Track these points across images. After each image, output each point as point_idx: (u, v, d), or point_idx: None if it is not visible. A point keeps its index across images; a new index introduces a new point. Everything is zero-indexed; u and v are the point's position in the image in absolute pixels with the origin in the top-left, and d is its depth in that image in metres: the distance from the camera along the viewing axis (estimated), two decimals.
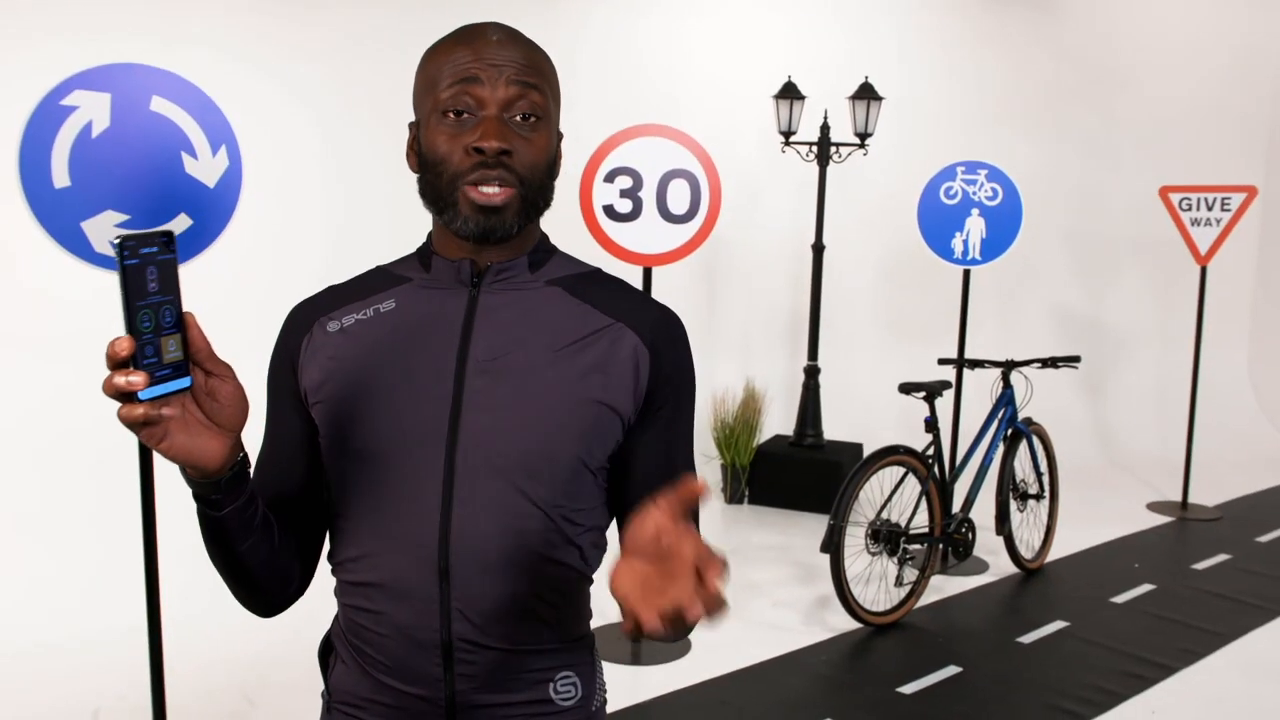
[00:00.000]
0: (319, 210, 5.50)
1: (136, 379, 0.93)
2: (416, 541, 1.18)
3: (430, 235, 1.29)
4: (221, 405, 1.03)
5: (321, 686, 1.36)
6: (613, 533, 1.34)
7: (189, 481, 1.09)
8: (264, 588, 1.24)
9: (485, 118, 1.17)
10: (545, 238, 1.31)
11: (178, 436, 1.01)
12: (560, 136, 1.27)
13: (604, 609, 1.42)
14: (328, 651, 1.35)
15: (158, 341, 0.96)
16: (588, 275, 1.30)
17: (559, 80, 1.27)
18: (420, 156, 1.22)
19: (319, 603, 1.56)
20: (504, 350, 1.21)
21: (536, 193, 1.21)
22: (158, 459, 2.78)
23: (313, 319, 1.28)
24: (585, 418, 1.20)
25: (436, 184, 1.20)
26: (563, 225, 1.30)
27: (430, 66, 1.21)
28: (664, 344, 1.26)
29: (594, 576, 1.31)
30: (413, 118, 1.27)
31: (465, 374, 1.20)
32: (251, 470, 1.15)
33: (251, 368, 1.40)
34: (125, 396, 0.94)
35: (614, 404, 1.22)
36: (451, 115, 1.18)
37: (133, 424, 0.95)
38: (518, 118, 1.18)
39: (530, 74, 1.19)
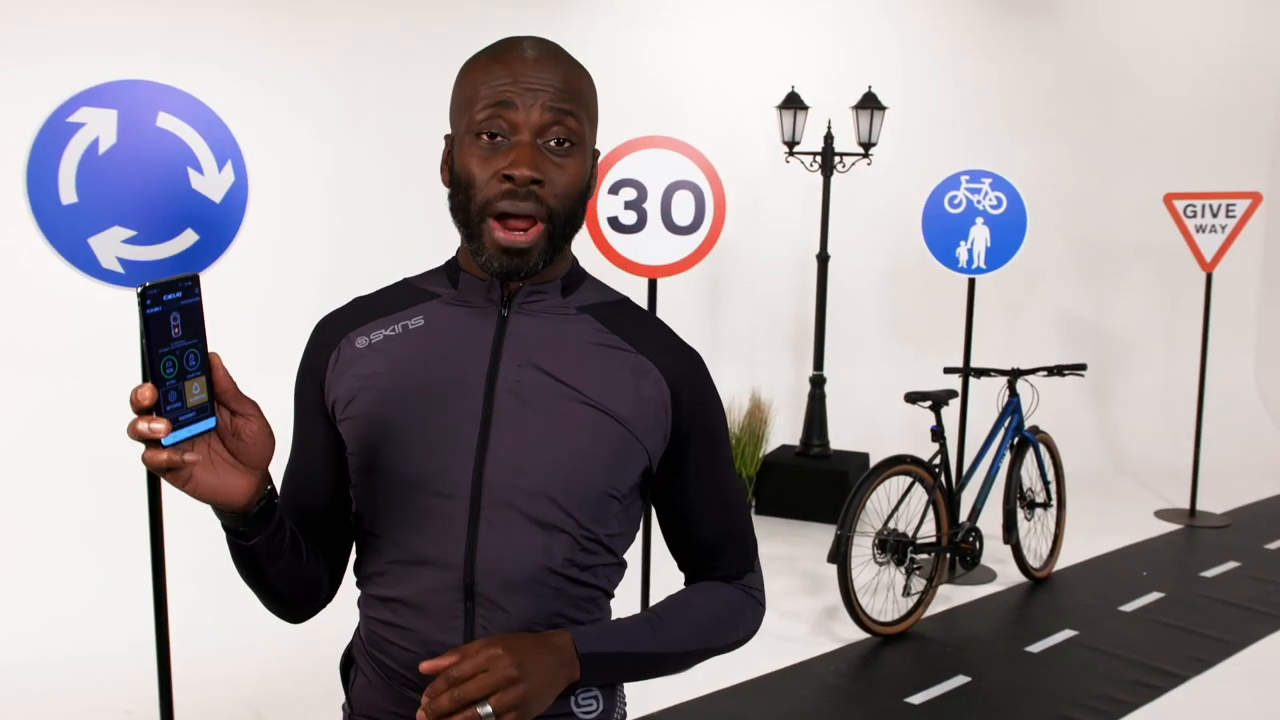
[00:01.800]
0: (322, 224, 5.52)
1: (159, 426, 0.94)
2: (443, 559, 1.19)
3: (459, 250, 1.29)
4: (246, 444, 1.04)
5: (333, 699, 1.36)
6: (631, 552, 1.35)
7: (218, 515, 1.09)
8: (292, 602, 1.25)
9: (518, 143, 1.15)
10: (576, 261, 1.31)
11: (203, 477, 1.02)
12: (596, 154, 1.26)
13: None
14: (348, 664, 1.35)
15: (181, 386, 0.97)
16: (617, 304, 1.30)
17: (597, 96, 1.25)
18: (453, 174, 1.21)
19: (328, 617, 1.56)
20: (533, 374, 1.21)
21: (565, 224, 1.19)
22: None
23: (340, 334, 1.28)
24: (611, 445, 1.21)
25: (466, 207, 1.18)
26: None
27: (466, 84, 1.20)
28: (686, 384, 1.26)
29: (614, 593, 1.32)
30: (412, 128, 1.27)
31: (494, 395, 1.20)
32: (278, 500, 1.16)
33: (256, 381, 1.41)
34: (149, 441, 0.95)
35: (638, 435, 1.23)
36: (485, 137, 1.16)
37: (156, 469, 0.96)
38: (552, 143, 1.16)
39: (566, 98, 1.17)
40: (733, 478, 1.35)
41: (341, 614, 1.47)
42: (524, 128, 1.15)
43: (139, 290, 0.94)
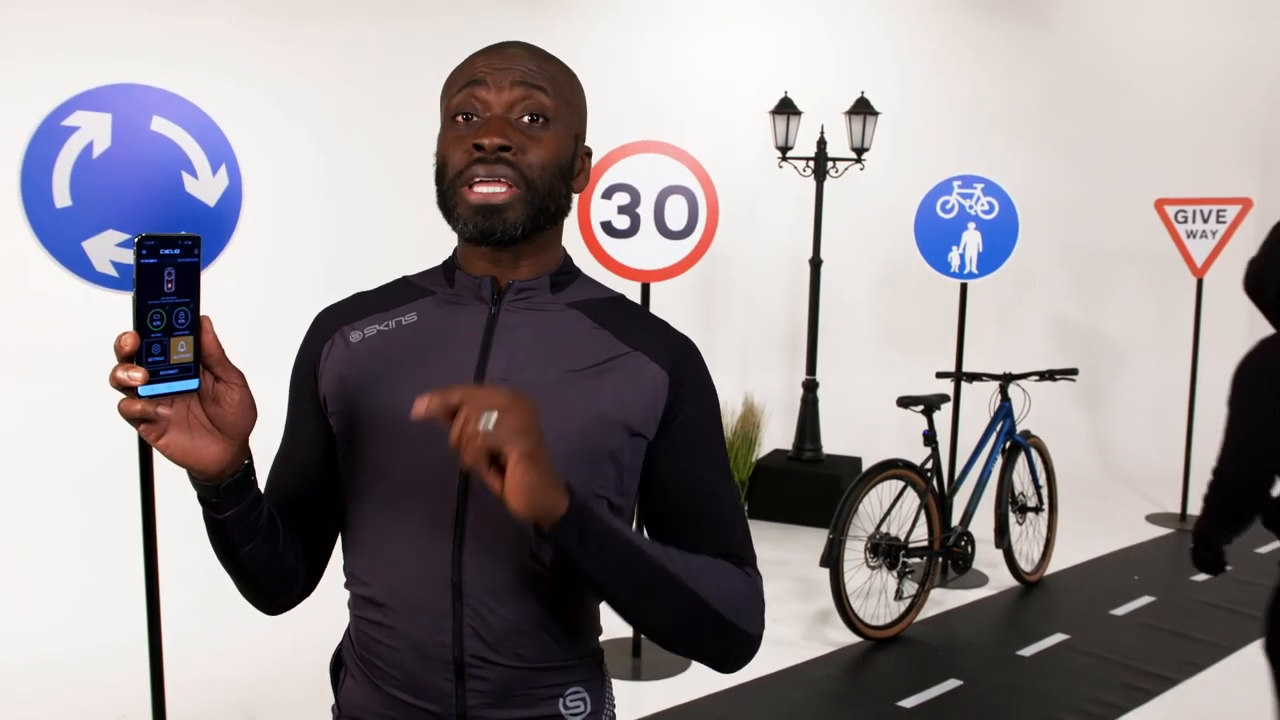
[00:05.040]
0: (316, 227, 5.53)
1: (136, 374, 0.95)
2: (430, 558, 1.18)
3: (456, 249, 1.30)
4: (225, 411, 1.05)
5: (324, 703, 1.36)
6: None
7: (192, 483, 1.10)
8: (266, 587, 1.25)
9: (489, 118, 1.18)
10: (569, 259, 1.31)
11: (177, 436, 1.02)
12: (588, 151, 1.28)
13: (611, 624, 1.41)
14: (338, 665, 1.35)
15: (166, 341, 0.98)
16: (610, 301, 1.29)
17: (583, 94, 1.28)
18: (436, 164, 1.22)
19: (322, 619, 1.56)
20: (521, 370, 1.20)
21: (545, 195, 1.19)
22: (158, 472, 2.79)
23: (336, 326, 1.29)
24: (599, 442, 1.19)
25: (441, 187, 1.20)
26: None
27: (448, 81, 1.24)
28: (682, 372, 1.25)
29: None
30: (406, 133, 1.28)
31: None
32: (257, 477, 1.16)
33: (250, 382, 1.41)
34: (127, 390, 0.96)
35: (633, 429, 1.21)
36: (460, 119, 1.19)
37: (129, 418, 0.98)
38: (525, 119, 1.18)
39: (537, 78, 1.19)
40: (727, 468, 1.31)
41: (332, 615, 1.48)
42: (494, 104, 1.18)
43: (136, 238, 0.95)
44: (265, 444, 1.34)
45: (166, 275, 0.97)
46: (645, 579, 1.12)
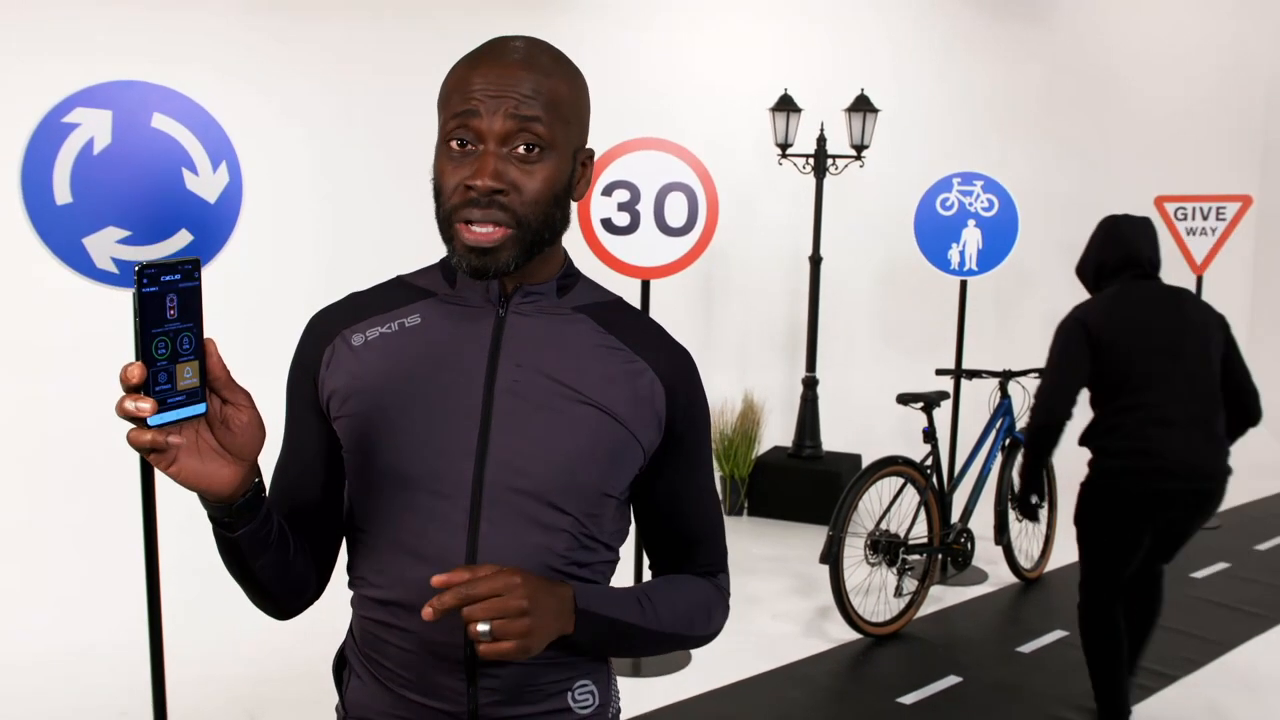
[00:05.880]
0: (314, 225, 5.52)
1: (145, 405, 0.94)
2: (443, 557, 1.19)
3: None
4: (235, 434, 1.03)
5: (326, 700, 1.36)
6: (624, 548, 1.37)
7: (203, 504, 1.09)
8: (278, 597, 1.24)
9: (482, 153, 1.15)
10: (570, 262, 1.31)
11: (187, 462, 1.01)
12: (589, 155, 1.26)
13: None
14: (341, 666, 1.35)
15: (172, 368, 0.96)
16: (612, 305, 1.31)
17: (586, 99, 1.24)
18: (433, 179, 1.21)
19: (322, 615, 1.56)
20: (532, 373, 1.22)
21: (538, 228, 1.18)
22: (159, 474, 2.79)
23: (335, 330, 1.27)
24: (610, 444, 1.22)
25: (439, 214, 1.19)
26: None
27: (444, 89, 1.20)
28: (680, 383, 1.29)
29: None
30: (403, 131, 1.27)
31: (494, 394, 1.21)
32: (267, 493, 1.15)
33: (247, 382, 1.41)
34: (135, 420, 0.95)
35: (636, 434, 1.24)
36: (455, 145, 1.16)
37: (140, 449, 0.96)
38: (520, 149, 1.15)
39: (532, 105, 1.15)
40: (712, 477, 1.38)
41: (335, 613, 1.48)
42: (488, 136, 1.14)
43: (136, 268, 0.93)
44: (265, 448, 1.33)
45: (169, 302, 0.95)
46: (635, 643, 1.27)
